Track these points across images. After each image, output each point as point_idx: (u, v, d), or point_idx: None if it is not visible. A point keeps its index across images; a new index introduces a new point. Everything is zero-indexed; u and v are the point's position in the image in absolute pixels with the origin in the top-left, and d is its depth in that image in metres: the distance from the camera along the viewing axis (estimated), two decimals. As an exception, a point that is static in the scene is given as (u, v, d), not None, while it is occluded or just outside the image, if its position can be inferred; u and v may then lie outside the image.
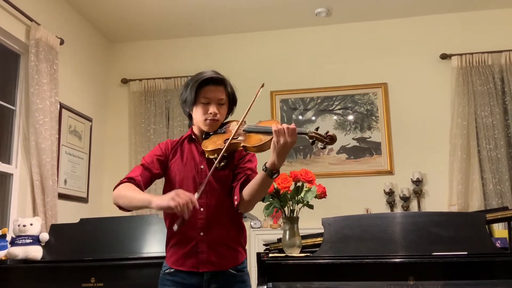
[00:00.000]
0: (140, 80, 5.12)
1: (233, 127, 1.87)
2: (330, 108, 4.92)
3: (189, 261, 1.83)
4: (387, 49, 4.93)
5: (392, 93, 4.83)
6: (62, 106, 4.28)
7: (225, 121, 1.97)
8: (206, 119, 1.89)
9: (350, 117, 4.88)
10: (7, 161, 3.76)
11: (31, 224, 3.00)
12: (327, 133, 1.71)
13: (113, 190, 1.85)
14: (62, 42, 4.20)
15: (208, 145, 1.86)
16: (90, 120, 4.81)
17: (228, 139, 1.81)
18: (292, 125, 1.68)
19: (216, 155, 1.82)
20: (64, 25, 4.45)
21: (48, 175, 3.75)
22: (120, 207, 1.84)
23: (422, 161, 4.62)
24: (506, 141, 4.45)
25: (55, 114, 3.99)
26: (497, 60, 4.61)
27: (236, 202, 1.82)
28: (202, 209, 1.83)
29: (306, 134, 1.72)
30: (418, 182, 4.53)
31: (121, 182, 1.85)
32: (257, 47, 5.13)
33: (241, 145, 1.79)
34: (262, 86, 1.87)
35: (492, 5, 4.72)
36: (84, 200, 4.61)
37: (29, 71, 3.78)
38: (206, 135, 1.92)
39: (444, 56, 4.75)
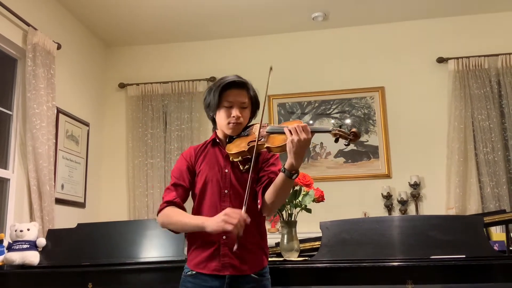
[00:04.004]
0: (137, 84, 5.11)
1: (256, 129, 1.90)
2: (328, 112, 4.93)
3: (211, 264, 1.85)
4: (384, 53, 4.94)
5: (389, 97, 4.84)
6: (59, 111, 4.27)
7: (248, 124, 1.99)
8: (229, 123, 1.93)
9: (348, 121, 4.88)
10: (4, 166, 3.74)
11: (28, 229, 2.98)
12: (350, 129, 1.73)
13: (157, 215, 1.92)
14: (59, 47, 4.20)
15: (232, 148, 1.88)
16: (87, 124, 4.80)
17: (252, 141, 1.83)
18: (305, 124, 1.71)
19: (240, 158, 1.86)
20: (61, 30, 4.45)
21: (45, 180, 3.74)
22: (170, 230, 1.92)
23: (419, 165, 4.62)
24: (503, 144, 4.45)
25: (52, 119, 3.98)
26: (494, 64, 4.62)
27: (259, 206, 1.85)
28: None
29: (329, 131, 1.75)
30: (415, 186, 4.53)
31: (162, 207, 1.91)
32: (254, 51, 5.13)
33: (265, 146, 1.81)
34: (271, 69, 1.94)
35: (488, 9, 4.73)
36: (81, 205, 4.60)
37: (26, 75, 3.77)
38: (230, 138, 1.95)
39: (441, 60, 4.76)
